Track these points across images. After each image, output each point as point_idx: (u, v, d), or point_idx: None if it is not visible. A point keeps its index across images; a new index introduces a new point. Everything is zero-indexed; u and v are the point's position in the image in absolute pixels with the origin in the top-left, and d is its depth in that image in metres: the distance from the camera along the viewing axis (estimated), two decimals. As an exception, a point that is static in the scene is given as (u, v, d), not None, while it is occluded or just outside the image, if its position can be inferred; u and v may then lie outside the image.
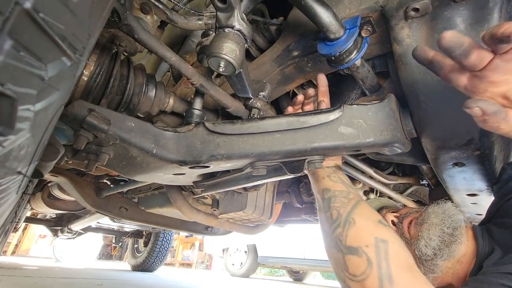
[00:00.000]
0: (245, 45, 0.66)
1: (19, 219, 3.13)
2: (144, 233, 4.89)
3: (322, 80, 0.86)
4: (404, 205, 1.67)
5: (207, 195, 1.57)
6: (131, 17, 0.65)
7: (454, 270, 0.80)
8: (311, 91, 0.89)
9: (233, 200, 1.47)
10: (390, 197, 1.62)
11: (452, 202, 0.92)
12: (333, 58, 0.71)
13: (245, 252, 6.58)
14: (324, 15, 0.64)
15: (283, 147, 0.75)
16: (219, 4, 0.59)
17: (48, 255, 7.52)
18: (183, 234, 8.30)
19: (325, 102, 0.85)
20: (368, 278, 0.61)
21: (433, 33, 0.64)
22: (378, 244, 0.64)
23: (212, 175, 1.05)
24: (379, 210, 1.05)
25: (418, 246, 0.81)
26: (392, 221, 0.94)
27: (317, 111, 0.76)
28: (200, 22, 0.86)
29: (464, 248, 0.80)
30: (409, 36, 0.66)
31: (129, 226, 4.25)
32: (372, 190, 1.63)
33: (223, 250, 7.13)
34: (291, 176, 0.84)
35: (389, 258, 0.62)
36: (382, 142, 0.72)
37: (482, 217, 1.18)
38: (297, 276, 7.23)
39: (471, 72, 0.47)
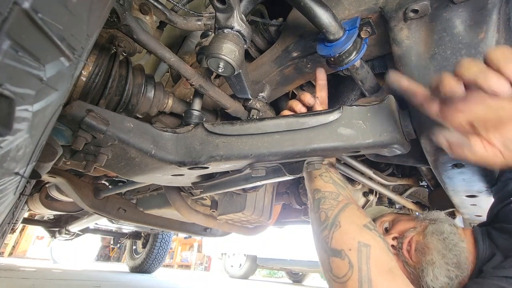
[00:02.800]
0: (244, 46, 0.65)
1: (16, 220, 3.12)
2: (142, 234, 4.88)
3: (321, 73, 0.85)
4: (397, 206, 1.67)
5: (206, 196, 1.57)
6: (130, 18, 0.65)
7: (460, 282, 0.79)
8: (309, 99, 0.87)
9: (232, 201, 1.47)
10: (389, 198, 1.62)
11: (449, 218, 0.87)
12: (332, 59, 0.71)
13: (244, 253, 6.57)
14: (323, 16, 0.64)
15: (282, 148, 0.75)
16: (218, 5, 0.59)
17: (46, 256, 7.49)
18: (181, 235, 8.28)
19: (322, 97, 0.85)
20: (349, 281, 0.64)
21: (432, 34, 0.64)
22: (360, 249, 0.66)
23: (211, 176, 1.05)
24: (374, 220, 0.99)
25: (425, 280, 0.78)
26: (392, 245, 0.87)
27: (316, 112, 0.76)
28: (199, 23, 0.86)
29: (468, 262, 0.78)
30: (408, 37, 0.66)
31: (128, 227, 4.24)
32: (371, 191, 1.63)
33: (222, 254, 7.12)
34: (290, 177, 0.84)
35: (370, 262, 0.64)
36: (381, 143, 0.72)
37: (482, 218, 1.18)
38: (296, 277, 7.23)
39: (441, 101, 0.52)
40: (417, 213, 1.01)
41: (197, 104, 0.87)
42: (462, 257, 0.77)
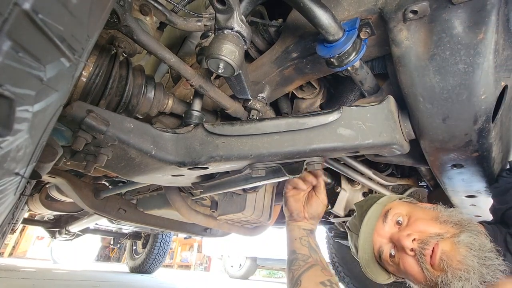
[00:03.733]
0: (244, 47, 0.66)
1: (16, 221, 3.11)
2: (142, 234, 4.87)
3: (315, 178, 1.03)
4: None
5: (206, 196, 1.57)
6: (130, 19, 0.65)
7: None
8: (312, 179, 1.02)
9: (232, 202, 1.47)
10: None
11: (481, 229, 0.80)
12: (332, 59, 0.71)
13: (245, 255, 6.56)
14: (323, 17, 0.64)
15: (282, 148, 0.75)
16: (218, 6, 0.59)
17: (46, 257, 7.48)
18: (181, 235, 8.27)
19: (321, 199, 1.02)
20: None
21: (432, 35, 0.64)
22: None
23: (211, 176, 1.05)
24: (386, 212, 0.93)
25: None
26: (412, 249, 0.81)
27: (316, 113, 0.76)
28: (199, 24, 0.86)
29: None
30: (408, 38, 0.66)
31: (128, 227, 4.24)
32: (371, 191, 1.63)
33: (221, 255, 7.10)
34: (290, 177, 0.84)
35: None
36: (381, 143, 0.72)
37: (481, 218, 1.18)
38: (296, 278, 7.20)
39: None
40: (433, 207, 0.91)
41: (197, 105, 0.87)
42: (497, 275, 0.72)
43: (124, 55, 0.82)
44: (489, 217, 0.98)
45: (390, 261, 0.87)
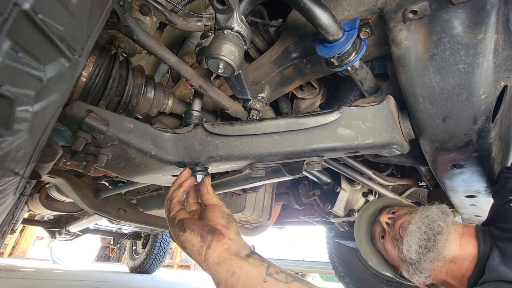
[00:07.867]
0: (244, 47, 0.66)
1: (16, 221, 3.11)
2: (142, 234, 4.87)
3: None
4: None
5: (206, 196, 1.56)
6: (130, 19, 0.65)
7: (447, 269, 0.84)
8: None
9: (232, 202, 1.47)
10: (388, 199, 1.62)
11: (440, 205, 0.97)
12: (332, 59, 0.71)
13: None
14: (323, 17, 0.64)
15: (282, 148, 0.75)
16: (218, 6, 0.59)
17: (46, 257, 7.48)
18: (181, 235, 8.23)
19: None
20: None
21: (431, 35, 0.64)
22: None
23: (211, 176, 1.05)
24: (381, 210, 1.12)
25: (402, 250, 0.90)
26: (386, 223, 1.02)
27: (316, 113, 0.76)
28: (199, 24, 0.86)
29: (456, 249, 0.84)
30: (408, 38, 0.66)
31: (127, 227, 4.24)
32: (371, 191, 1.63)
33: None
34: (290, 177, 0.84)
35: None
36: (381, 143, 0.72)
37: (481, 218, 1.18)
38: (296, 278, 7.21)
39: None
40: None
41: (197, 105, 0.87)
42: (438, 235, 0.86)
43: (124, 55, 0.82)
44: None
45: (380, 243, 1.04)
